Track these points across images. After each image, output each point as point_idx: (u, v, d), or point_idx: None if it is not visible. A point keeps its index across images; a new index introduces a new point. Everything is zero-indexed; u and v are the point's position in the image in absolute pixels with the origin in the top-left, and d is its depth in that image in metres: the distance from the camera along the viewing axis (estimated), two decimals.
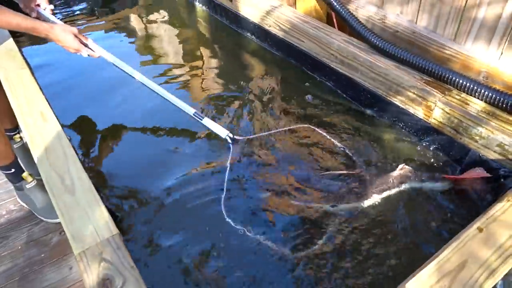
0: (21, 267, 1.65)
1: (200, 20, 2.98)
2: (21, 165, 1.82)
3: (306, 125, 1.94)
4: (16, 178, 1.77)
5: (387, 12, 2.00)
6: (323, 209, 1.56)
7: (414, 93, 1.70)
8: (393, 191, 1.58)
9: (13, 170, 1.74)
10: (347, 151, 1.80)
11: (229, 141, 1.81)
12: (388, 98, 1.83)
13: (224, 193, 1.60)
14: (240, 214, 1.54)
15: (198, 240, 1.45)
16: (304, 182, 1.69)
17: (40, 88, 1.51)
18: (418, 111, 1.72)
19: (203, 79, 2.39)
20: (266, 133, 1.92)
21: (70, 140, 1.33)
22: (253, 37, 2.57)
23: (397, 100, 1.79)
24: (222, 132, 1.81)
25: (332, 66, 2.03)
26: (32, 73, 1.69)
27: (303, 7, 2.33)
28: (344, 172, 1.69)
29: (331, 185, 1.65)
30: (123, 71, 1.82)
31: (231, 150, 1.80)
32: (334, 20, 2.18)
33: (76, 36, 1.62)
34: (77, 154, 1.20)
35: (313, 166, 1.74)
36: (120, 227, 1.08)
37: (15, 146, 1.96)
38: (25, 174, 1.77)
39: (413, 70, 1.76)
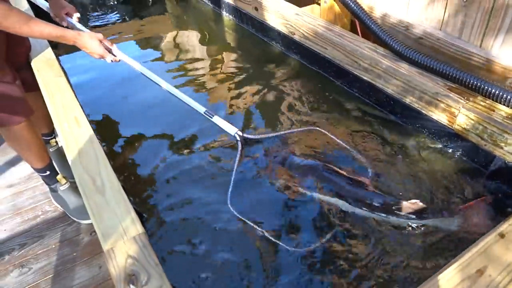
0: (55, 265, 1.74)
1: (226, 29, 3.06)
2: (56, 168, 1.95)
3: (315, 128, 1.97)
4: (51, 180, 1.87)
5: (411, 19, 2.00)
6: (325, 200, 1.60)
7: (437, 100, 1.69)
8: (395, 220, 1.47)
9: (48, 172, 1.84)
10: (359, 156, 1.80)
11: (238, 139, 1.86)
12: (411, 105, 1.82)
13: (230, 190, 1.66)
14: (247, 209, 1.61)
15: (216, 240, 1.51)
16: (308, 176, 1.72)
17: (75, 95, 1.61)
18: (442, 118, 1.70)
19: (227, 85, 2.46)
20: (276, 133, 1.95)
21: (102, 144, 1.42)
22: (277, 45, 2.62)
23: (420, 107, 1.79)
24: (231, 129, 1.86)
25: (355, 73, 2.05)
26: (68, 81, 1.80)
27: (327, 15, 2.36)
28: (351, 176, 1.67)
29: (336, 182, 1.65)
30: (145, 76, 1.91)
31: (239, 148, 1.84)
32: (358, 28, 2.20)
33: (101, 42, 1.68)
34: (108, 157, 1.27)
35: (320, 165, 1.75)
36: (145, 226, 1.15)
37: (51, 150, 2.11)
38: (59, 177, 1.88)
39: (437, 77, 1.75)
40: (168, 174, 1.85)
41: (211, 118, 1.86)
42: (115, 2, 3.84)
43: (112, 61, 1.74)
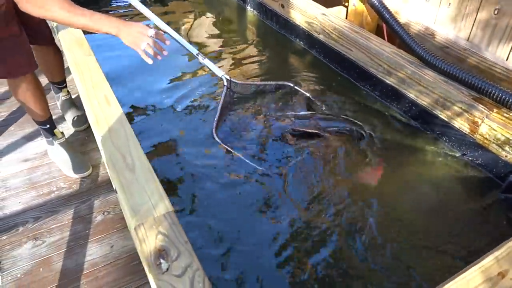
0: (67, 240, 1.76)
1: (249, 24, 3.07)
2: (65, 117, 2.25)
3: (288, 84, 2.25)
4: (49, 133, 2.00)
5: (438, 27, 2.01)
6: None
7: (461, 108, 1.70)
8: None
9: (47, 126, 1.96)
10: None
11: (225, 82, 2.09)
12: (434, 112, 1.84)
13: (215, 123, 1.94)
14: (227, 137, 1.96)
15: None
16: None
17: (104, 74, 1.63)
18: (464, 126, 1.72)
19: (245, 77, 2.48)
20: (263, 83, 2.25)
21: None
22: (301, 43, 2.64)
23: (443, 114, 1.80)
24: (219, 72, 2.10)
25: (379, 76, 2.06)
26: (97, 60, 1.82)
27: (353, 17, 2.38)
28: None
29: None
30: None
31: (224, 89, 2.09)
32: (385, 31, 2.21)
33: (143, 28, 1.49)
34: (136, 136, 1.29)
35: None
36: None
37: (63, 98, 2.25)
38: (56, 131, 2.00)
39: (461, 86, 1.76)
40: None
41: (203, 60, 2.04)
42: None
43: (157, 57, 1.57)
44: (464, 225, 1.52)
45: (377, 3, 2.15)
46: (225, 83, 2.08)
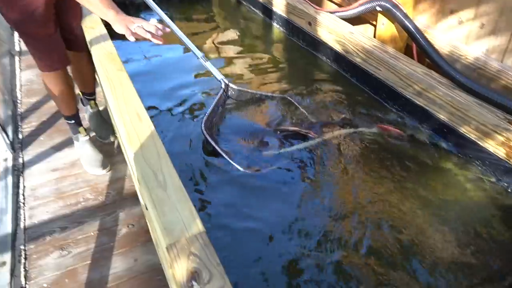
0: (92, 252, 1.77)
1: (275, 39, 3.09)
2: (91, 128, 2.31)
3: (286, 96, 2.35)
4: (74, 129, 2.14)
5: (470, 48, 1.98)
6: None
7: (496, 132, 1.66)
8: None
9: (73, 121, 2.10)
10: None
11: (222, 85, 2.23)
12: (467, 134, 1.79)
13: (204, 119, 2.05)
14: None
15: None
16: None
17: (136, 90, 1.65)
18: (499, 151, 1.67)
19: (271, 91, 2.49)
20: (259, 92, 2.34)
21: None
22: (328, 60, 2.63)
23: (476, 137, 1.76)
24: (219, 75, 2.23)
25: (408, 96, 2.03)
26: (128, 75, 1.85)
27: (382, 36, 2.36)
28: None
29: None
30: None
31: (221, 91, 2.23)
32: (414, 51, 2.19)
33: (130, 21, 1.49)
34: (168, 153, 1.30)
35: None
36: None
37: (90, 110, 2.32)
38: (81, 128, 2.13)
39: (496, 109, 1.72)
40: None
41: (205, 62, 2.16)
42: None
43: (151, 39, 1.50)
44: (502, 258, 1.47)
45: (407, 23, 2.13)
46: (222, 86, 2.22)
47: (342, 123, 2.11)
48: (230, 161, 1.92)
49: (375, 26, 2.51)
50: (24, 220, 1.89)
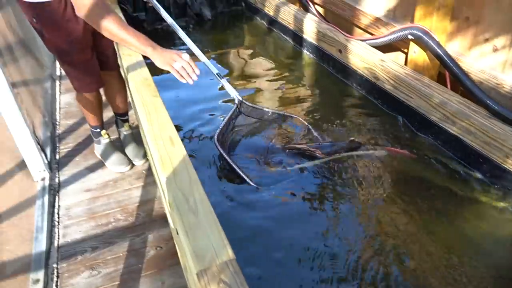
0: (121, 273, 1.79)
1: (305, 66, 3.13)
2: (125, 149, 2.41)
3: (296, 116, 2.40)
4: (98, 135, 2.33)
5: (507, 76, 1.94)
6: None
7: None
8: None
9: (98, 130, 2.32)
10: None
11: (236, 101, 2.30)
12: (504, 165, 1.73)
13: (218, 131, 2.13)
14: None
15: None
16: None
17: (169, 115, 1.69)
18: None
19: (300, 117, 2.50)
20: (271, 110, 2.39)
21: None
22: (358, 87, 2.63)
23: None
24: (233, 92, 2.28)
25: (441, 125, 1.99)
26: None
27: (413, 63, 2.35)
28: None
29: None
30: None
31: (234, 107, 2.30)
32: (447, 79, 2.16)
33: (177, 55, 1.63)
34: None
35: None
36: None
37: (124, 133, 2.45)
38: (103, 132, 2.33)
39: None
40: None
41: (221, 79, 2.20)
42: (192, 23, 4.07)
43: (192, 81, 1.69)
44: None
45: (439, 51, 2.12)
46: (236, 102, 2.30)
47: (351, 145, 2.13)
48: (242, 174, 1.99)
49: (406, 53, 2.50)
50: (58, 238, 1.94)
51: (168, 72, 1.66)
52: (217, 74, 2.20)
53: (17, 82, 2.35)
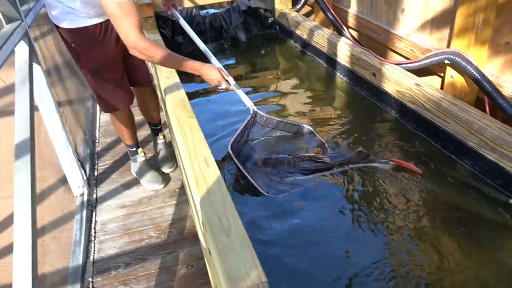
0: None
1: (338, 88, 3.13)
2: (158, 158, 2.56)
3: (308, 127, 2.49)
4: (134, 153, 2.43)
5: None
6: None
7: None
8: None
9: (134, 149, 2.41)
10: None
11: (251, 111, 2.37)
12: None
13: (232, 140, 2.25)
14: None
15: None
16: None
17: (204, 136, 1.74)
18: None
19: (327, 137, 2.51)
20: (284, 120, 2.48)
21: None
22: (392, 111, 2.60)
23: None
24: (249, 103, 2.33)
25: (480, 152, 1.94)
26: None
27: (450, 88, 2.31)
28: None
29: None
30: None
31: (249, 117, 2.36)
32: (486, 105, 2.11)
33: (219, 71, 1.99)
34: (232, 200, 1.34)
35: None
36: None
37: (159, 141, 2.58)
38: (139, 150, 2.43)
39: None
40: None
41: (237, 90, 2.23)
42: (227, 45, 4.17)
43: (226, 88, 2.06)
44: None
45: (478, 76, 2.08)
46: (251, 112, 2.37)
47: (359, 155, 2.22)
48: (252, 181, 2.10)
49: (443, 77, 2.46)
50: (94, 253, 2.00)
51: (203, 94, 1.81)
52: (234, 85, 2.24)
53: (63, 101, 2.48)
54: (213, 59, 2.32)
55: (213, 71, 1.96)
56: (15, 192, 1.43)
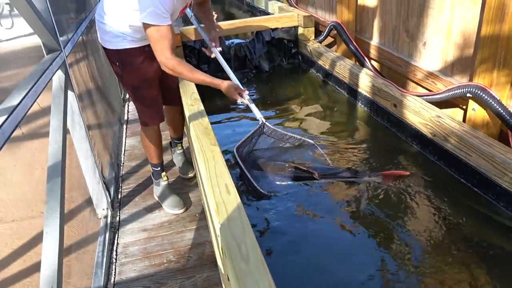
0: None
1: (359, 118, 3.15)
2: (176, 166, 2.84)
3: (310, 141, 2.72)
4: (158, 175, 2.55)
5: None
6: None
7: None
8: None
9: (158, 168, 2.54)
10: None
11: (259, 122, 2.65)
12: None
13: (237, 144, 2.53)
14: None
15: None
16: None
17: (226, 163, 1.78)
18: None
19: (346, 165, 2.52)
20: (289, 134, 2.73)
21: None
22: (413, 142, 2.60)
23: None
24: (258, 115, 2.62)
25: (504, 186, 1.91)
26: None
27: (473, 121, 2.30)
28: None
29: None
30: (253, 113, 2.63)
31: (257, 126, 2.66)
32: (510, 138, 2.09)
33: (236, 89, 2.24)
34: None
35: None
36: None
37: (177, 151, 2.84)
38: (163, 174, 2.55)
39: None
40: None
41: (250, 104, 2.47)
42: (251, 74, 4.27)
43: (241, 102, 2.31)
44: None
45: (501, 110, 2.07)
46: (259, 123, 2.65)
47: (348, 172, 2.40)
48: (252, 181, 2.34)
49: (464, 110, 2.46)
50: (115, 275, 2.04)
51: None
52: (248, 99, 2.47)
53: (92, 124, 2.60)
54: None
55: (231, 87, 2.22)
56: (45, 212, 1.50)
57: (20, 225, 2.39)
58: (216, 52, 2.70)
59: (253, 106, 2.54)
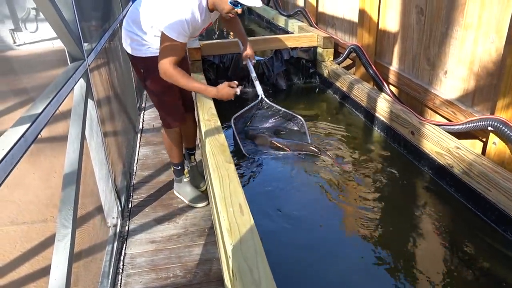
0: None
1: (375, 143, 3.12)
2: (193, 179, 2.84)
3: (299, 117, 3.27)
4: (180, 173, 2.70)
5: None
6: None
7: None
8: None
9: (179, 167, 2.68)
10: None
11: (259, 98, 3.18)
12: None
13: (235, 115, 3.13)
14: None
15: None
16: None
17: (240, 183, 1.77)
18: None
19: (364, 196, 2.46)
20: (284, 110, 3.27)
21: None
22: (430, 172, 2.56)
23: None
24: (260, 91, 3.16)
25: None
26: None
27: (493, 154, 2.26)
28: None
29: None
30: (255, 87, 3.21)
31: (256, 101, 3.21)
32: None
33: (227, 85, 2.30)
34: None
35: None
36: None
37: (189, 164, 2.88)
38: (185, 171, 2.71)
39: None
40: None
41: (255, 81, 3.02)
42: (268, 92, 4.28)
43: (239, 92, 2.35)
44: None
45: None
46: (259, 98, 3.17)
47: (312, 147, 2.94)
48: (239, 143, 2.95)
49: (484, 142, 2.41)
50: (120, 286, 2.02)
51: None
52: (253, 77, 2.96)
53: (108, 132, 2.61)
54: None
55: (222, 88, 2.30)
56: (58, 220, 1.49)
57: (31, 228, 2.39)
58: (249, 66, 3.06)
59: (257, 83, 2.98)
